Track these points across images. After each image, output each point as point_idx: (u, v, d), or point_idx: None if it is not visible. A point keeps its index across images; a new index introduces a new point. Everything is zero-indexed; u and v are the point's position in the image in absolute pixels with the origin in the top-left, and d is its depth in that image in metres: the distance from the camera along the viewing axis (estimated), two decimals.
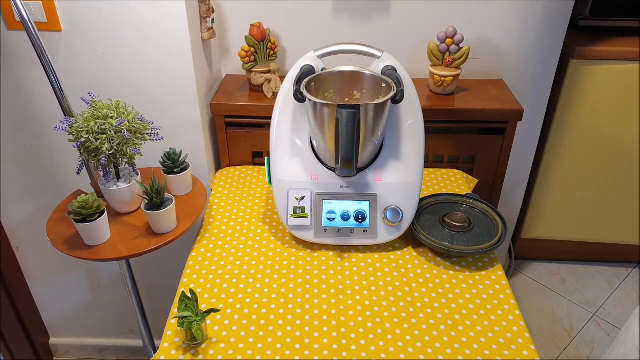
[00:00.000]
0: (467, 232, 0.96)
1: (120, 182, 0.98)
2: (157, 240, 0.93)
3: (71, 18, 1.01)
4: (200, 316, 0.76)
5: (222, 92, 1.24)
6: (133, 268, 1.10)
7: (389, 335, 0.79)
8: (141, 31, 1.02)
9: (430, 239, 0.94)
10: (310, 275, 0.91)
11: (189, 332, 0.76)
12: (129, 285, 1.11)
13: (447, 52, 1.20)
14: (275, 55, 1.24)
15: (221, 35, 1.27)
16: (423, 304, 0.85)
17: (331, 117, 0.87)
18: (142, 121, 0.93)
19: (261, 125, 1.21)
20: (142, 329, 1.19)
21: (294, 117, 0.98)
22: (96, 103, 0.91)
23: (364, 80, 0.97)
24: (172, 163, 1.02)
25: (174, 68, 1.07)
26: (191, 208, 1.02)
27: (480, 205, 1.04)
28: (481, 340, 0.78)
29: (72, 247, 0.91)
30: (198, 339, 0.76)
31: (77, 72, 1.07)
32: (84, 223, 0.88)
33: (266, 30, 1.19)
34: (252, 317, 0.82)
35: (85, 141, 0.88)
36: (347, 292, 0.87)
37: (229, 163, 1.27)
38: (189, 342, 0.77)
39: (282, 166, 0.98)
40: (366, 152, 0.94)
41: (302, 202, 0.96)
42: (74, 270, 1.42)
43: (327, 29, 1.25)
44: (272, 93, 1.20)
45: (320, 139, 0.94)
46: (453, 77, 1.20)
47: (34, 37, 0.88)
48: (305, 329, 0.80)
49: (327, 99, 0.98)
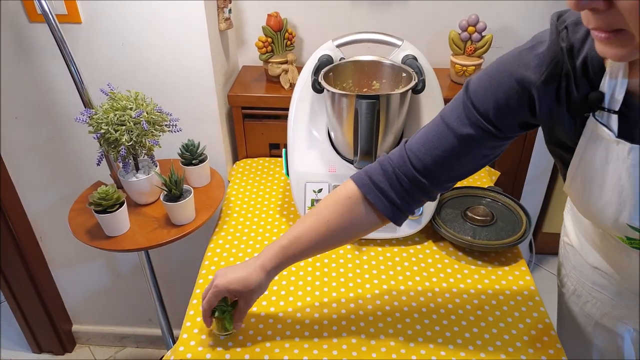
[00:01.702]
0: (490, 226, 0.94)
1: (140, 173, 0.98)
2: (175, 231, 0.93)
3: (90, 10, 1.01)
4: (232, 305, 0.74)
5: (239, 84, 1.23)
6: (152, 258, 1.11)
7: (409, 330, 0.78)
8: (159, 23, 1.02)
9: (451, 233, 0.92)
10: (327, 268, 0.90)
11: (220, 322, 0.74)
12: (147, 275, 1.12)
13: (469, 41, 1.17)
14: (293, 45, 1.22)
15: (238, 25, 1.26)
16: (444, 299, 0.83)
17: (350, 108, 0.85)
18: (161, 112, 0.93)
19: (278, 116, 1.20)
20: (160, 319, 1.20)
21: (312, 108, 0.97)
22: (115, 95, 0.91)
23: (384, 69, 0.95)
24: (191, 154, 1.02)
25: (192, 59, 1.07)
26: (209, 199, 1.02)
27: (503, 198, 1.01)
28: (505, 337, 0.76)
29: (93, 238, 0.92)
30: (229, 329, 0.75)
31: (96, 63, 1.08)
32: (104, 214, 0.89)
33: (283, 20, 1.18)
34: (271, 310, 0.82)
35: (105, 132, 0.88)
36: (365, 286, 0.86)
37: (246, 155, 1.26)
38: (220, 332, 0.76)
39: (299, 158, 0.96)
40: (385, 144, 0.93)
41: (320, 195, 0.95)
42: (95, 260, 1.44)
43: (345, 18, 1.22)
44: (289, 84, 1.19)
45: (338, 130, 0.92)
46: (475, 66, 1.17)
47: (55, 30, 0.88)
48: (324, 322, 0.79)
49: (346, 90, 0.96)
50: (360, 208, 0.66)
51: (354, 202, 0.66)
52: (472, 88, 0.60)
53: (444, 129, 0.61)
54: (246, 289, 0.70)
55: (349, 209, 0.67)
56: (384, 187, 0.65)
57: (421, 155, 0.63)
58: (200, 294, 0.85)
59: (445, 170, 0.63)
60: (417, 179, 0.63)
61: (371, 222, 0.68)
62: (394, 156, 0.65)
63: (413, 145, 0.64)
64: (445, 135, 0.61)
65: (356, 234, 0.70)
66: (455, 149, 0.61)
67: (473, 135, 0.59)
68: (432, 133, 0.63)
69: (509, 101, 0.57)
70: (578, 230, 0.79)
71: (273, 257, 0.70)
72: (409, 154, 0.64)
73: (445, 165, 0.62)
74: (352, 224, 0.68)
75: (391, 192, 0.65)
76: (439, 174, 0.63)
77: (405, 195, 0.65)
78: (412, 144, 0.64)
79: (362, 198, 0.66)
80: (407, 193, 0.65)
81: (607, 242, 0.70)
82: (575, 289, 0.80)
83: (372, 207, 0.66)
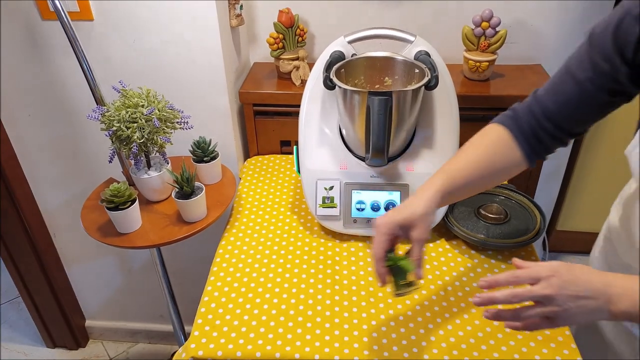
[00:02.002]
0: (504, 224, 0.92)
1: (151, 170, 0.99)
2: (187, 228, 0.93)
3: (102, 7, 1.02)
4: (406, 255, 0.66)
5: (251, 80, 1.23)
6: (164, 255, 1.12)
7: (421, 329, 0.77)
8: (170, 19, 1.02)
9: (464, 231, 0.91)
10: (339, 266, 0.90)
11: (396, 274, 0.66)
12: (159, 272, 1.13)
13: (482, 36, 1.15)
14: (304, 41, 1.21)
15: (249, 22, 1.26)
16: (457, 297, 0.82)
17: (362, 105, 0.85)
18: (172, 110, 0.93)
19: (289, 113, 1.20)
20: (172, 315, 1.21)
21: (323, 105, 0.96)
22: (127, 92, 0.91)
23: (396, 66, 0.94)
24: (202, 152, 1.02)
25: (203, 56, 1.06)
26: (221, 197, 1.02)
27: (516, 196, 1.00)
28: (518, 337, 0.75)
29: (105, 235, 0.93)
30: (405, 279, 0.65)
31: (108, 61, 1.08)
32: (116, 211, 0.89)
33: (295, 16, 1.17)
34: (282, 307, 0.82)
35: (117, 130, 0.88)
36: (377, 284, 0.85)
37: (258, 152, 1.26)
38: (397, 290, 0.67)
39: (310, 155, 0.96)
40: (398, 141, 0.92)
41: (331, 192, 0.94)
42: (107, 256, 1.46)
43: (356, 13, 1.21)
44: (300, 80, 1.18)
45: (350, 127, 0.91)
46: (489, 62, 1.15)
47: (67, 27, 0.88)
48: (335, 320, 0.79)
49: (358, 86, 0.95)
50: (507, 149, 0.71)
51: (504, 143, 0.71)
52: (594, 31, 0.62)
53: (566, 76, 0.66)
54: (413, 214, 0.65)
55: (499, 149, 0.71)
56: (526, 128, 0.70)
57: (546, 101, 0.68)
58: (211, 291, 0.85)
59: (568, 116, 0.67)
60: (542, 124, 0.68)
61: (513, 164, 0.72)
62: (525, 104, 0.71)
63: (541, 93, 0.69)
64: (566, 81, 0.66)
65: (501, 174, 0.73)
66: (574, 94, 0.65)
67: (592, 78, 0.62)
68: (556, 80, 0.68)
69: (627, 38, 0.58)
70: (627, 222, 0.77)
71: (437, 181, 0.69)
72: (537, 100, 0.69)
73: (567, 112, 0.67)
74: (500, 164, 0.71)
75: (530, 136, 0.70)
76: (562, 120, 0.67)
77: (538, 140, 0.70)
78: (540, 92, 0.70)
79: (510, 139, 0.70)
80: (538, 137, 0.70)
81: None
82: None
83: (517, 148, 0.70)
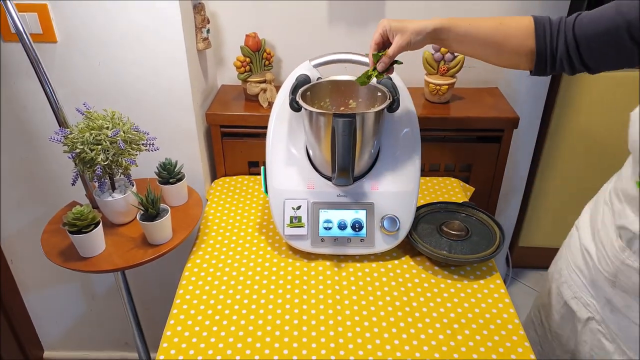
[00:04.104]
0: (465, 240, 0.96)
1: (116, 193, 0.97)
2: (152, 251, 0.92)
3: (67, 29, 1.01)
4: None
5: (218, 102, 1.24)
6: (129, 280, 1.09)
7: (387, 345, 0.78)
8: (137, 42, 1.03)
9: (427, 247, 0.94)
10: (307, 285, 0.90)
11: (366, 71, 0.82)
12: (124, 297, 1.10)
13: (442, 61, 1.21)
14: (271, 65, 1.24)
15: (217, 45, 1.28)
16: (421, 313, 0.84)
17: (327, 126, 0.87)
18: (138, 132, 0.93)
19: (257, 134, 1.21)
20: (137, 342, 1.18)
21: (290, 127, 0.98)
22: (91, 114, 0.91)
23: (360, 89, 0.97)
24: (168, 173, 1.02)
25: (170, 78, 1.07)
26: (187, 218, 1.01)
27: (477, 213, 1.04)
28: (480, 350, 0.77)
29: (67, 259, 0.90)
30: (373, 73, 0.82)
31: (73, 83, 1.07)
32: (79, 234, 0.87)
33: (261, 41, 1.20)
34: (249, 328, 0.81)
35: (81, 152, 0.87)
36: (344, 302, 0.86)
37: (225, 173, 1.26)
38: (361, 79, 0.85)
39: (278, 175, 0.97)
40: (362, 161, 0.94)
41: (299, 212, 0.96)
42: (69, 283, 1.40)
43: (322, 38, 1.25)
44: (267, 103, 1.20)
45: (316, 148, 0.93)
46: (448, 85, 1.21)
47: (29, 49, 0.88)
48: (303, 339, 0.79)
49: (323, 108, 0.98)
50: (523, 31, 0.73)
51: (524, 26, 0.74)
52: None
53: (611, 9, 0.66)
54: (406, 27, 0.77)
55: (516, 25, 0.74)
56: (550, 32, 0.72)
57: (583, 19, 0.69)
58: (177, 314, 0.84)
59: (592, 39, 0.68)
60: (567, 36, 0.70)
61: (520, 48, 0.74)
62: (563, 18, 0.72)
63: (582, 15, 0.70)
64: (609, 11, 0.66)
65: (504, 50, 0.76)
66: (610, 24, 0.65)
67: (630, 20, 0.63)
68: (602, 10, 0.68)
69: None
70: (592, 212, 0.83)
71: (439, 18, 0.77)
72: (576, 17, 0.70)
73: (592, 33, 0.68)
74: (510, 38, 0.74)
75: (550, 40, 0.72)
76: (585, 41, 0.69)
77: (554, 46, 0.72)
78: (582, 14, 0.70)
79: (532, 28, 0.73)
80: (557, 44, 0.72)
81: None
82: (562, 269, 0.85)
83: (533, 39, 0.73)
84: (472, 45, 0.78)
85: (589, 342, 0.79)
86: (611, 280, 0.72)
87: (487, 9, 1.21)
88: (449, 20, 0.77)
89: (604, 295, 0.75)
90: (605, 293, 0.75)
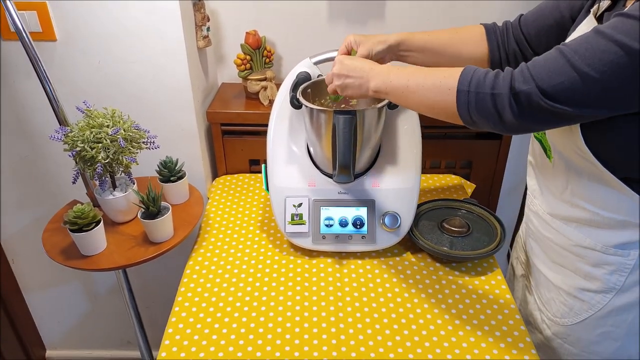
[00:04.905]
0: (466, 236, 0.96)
1: (117, 191, 0.97)
2: (153, 249, 0.92)
3: (66, 28, 1.01)
4: None
5: (218, 100, 1.24)
6: (130, 278, 1.09)
7: (389, 341, 0.78)
8: (137, 40, 1.02)
9: (429, 244, 0.94)
10: (308, 282, 0.90)
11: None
12: (126, 295, 1.10)
13: None
14: (271, 62, 1.24)
15: (217, 43, 1.27)
16: (423, 309, 0.84)
17: (328, 124, 0.87)
18: (138, 130, 0.93)
19: (258, 132, 1.21)
20: (139, 340, 1.18)
21: (291, 124, 0.98)
22: (91, 112, 0.91)
23: None
24: (169, 171, 1.02)
25: (170, 77, 1.07)
26: (188, 216, 1.01)
27: (478, 210, 1.04)
28: (482, 346, 0.77)
29: (68, 258, 0.90)
30: None
31: (72, 81, 1.07)
32: (80, 233, 0.87)
33: (262, 38, 1.20)
34: (251, 326, 0.81)
35: (81, 150, 0.87)
36: (346, 299, 0.86)
37: (226, 171, 1.26)
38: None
39: (279, 173, 0.97)
40: (363, 158, 0.94)
41: (300, 209, 0.95)
42: (70, 282, 1.41)
43: (322, 35, 1.25)
44: (268, 100, 1.20)
45: (317, 145, 0.93)
46: None
47: (28, 48, 0.87)
48: (305, 336, 0.79)
49: (324, 106, 0.98)
50: (475, 34, 0.84)
51: (475, 31, 0.84)
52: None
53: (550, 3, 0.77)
54: (368, 39, 0.83)
55: (467, 30, 0.84)
56: (499, 31, 0.82)
57: (527, 15, 0.80)
58: (179, 312, 0.84)
59: (534, 23, 0.78)
60: (515, 30, 0.81)
61: (476, 50, 0.83)
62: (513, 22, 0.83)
63: (526, 14, 0.81)
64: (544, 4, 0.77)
65: (463, 57, 0.83)
66: (549, 10, 0.76)
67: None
68: (540, 4, 0.79)
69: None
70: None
71: (397, 33, 0.85)
72: (520, 18, 0.81)
73: (535, 18, 0.78)
74: (466, 42, 0.83)
75: (503, 41, 0.82)
76: (530, 27, 0.79)
77: (504, 41, 0.82)
78: (525, 14, 0.81)
79: (482, 32, 0.84)
80: (507, 39, 0.81)
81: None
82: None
83: (486, 40, 0.82)
84: (431, 54, 0.85)
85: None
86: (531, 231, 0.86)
87: (488, 10, 1.21)
88: (409, 33, 0.86)
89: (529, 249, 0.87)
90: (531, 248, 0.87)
